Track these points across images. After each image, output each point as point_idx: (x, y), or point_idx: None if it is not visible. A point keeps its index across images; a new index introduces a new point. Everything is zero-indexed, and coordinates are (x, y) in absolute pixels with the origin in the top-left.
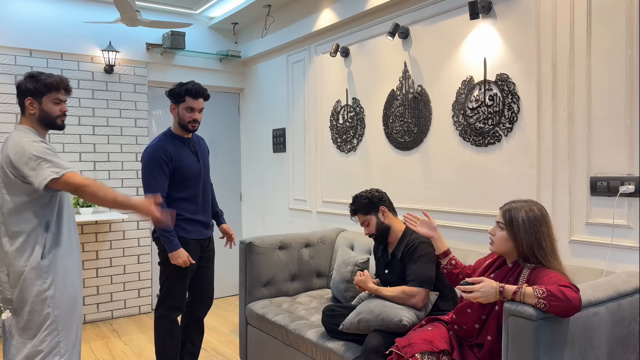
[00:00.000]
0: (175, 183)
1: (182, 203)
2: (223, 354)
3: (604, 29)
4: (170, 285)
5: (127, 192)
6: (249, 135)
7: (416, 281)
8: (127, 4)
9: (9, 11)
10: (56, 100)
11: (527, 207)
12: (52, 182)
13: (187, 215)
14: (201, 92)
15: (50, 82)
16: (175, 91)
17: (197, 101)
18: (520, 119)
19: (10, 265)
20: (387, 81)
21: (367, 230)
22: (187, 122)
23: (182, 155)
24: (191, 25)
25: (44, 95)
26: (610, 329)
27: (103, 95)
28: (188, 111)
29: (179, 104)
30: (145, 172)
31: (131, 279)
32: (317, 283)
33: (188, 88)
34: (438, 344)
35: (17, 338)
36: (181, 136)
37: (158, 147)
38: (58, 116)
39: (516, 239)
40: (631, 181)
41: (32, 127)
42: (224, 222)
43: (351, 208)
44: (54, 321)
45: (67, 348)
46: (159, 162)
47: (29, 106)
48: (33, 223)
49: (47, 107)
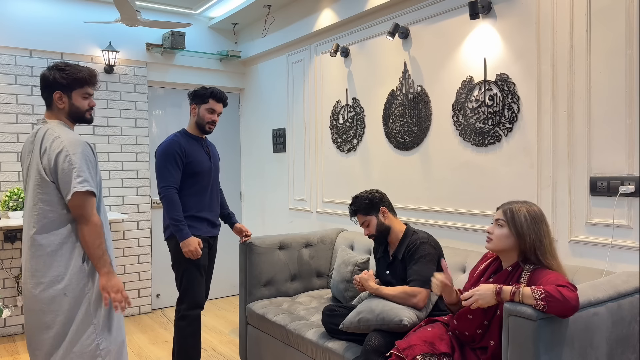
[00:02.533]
0: (186, 178)
1: (190, 198)
2: (223, 354)
3: (604, 29)
4: (188, 283)
5: (127, 192)
6: (249, 135)
7: (417, 281)
8: (127, 4)
9: (9, 11)
10: (85, 94)
11: (528, 205)
12: (77, 194)
13: (194, 212)
14: (224, 98)
15: (81, 76)
16: (199, 92)
17: (219, 104)
18: (520, 119)
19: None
20: (387, 81)
21: (367, 231)
22: (206, 122)
23: (195, 152)
24: (191, 25)
25: (74, 90)
26: (610, 329)
27: (103, 95)
28: (209, 112)
29: (201, 105)
30: (160, 165)
31: (131, 279)
32: (317, 283)
33: (213, 92)
34: (439, 346)
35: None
36: (196, 136)
37: (173, 142)
38: (87, 110)
39: (519, 235)
40: (631, 181)
41: (63, 122)
42: (237, 221)
43: (351, 209)
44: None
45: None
46: (174, 155)
47: (58, 100)
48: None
49: (77, 101)
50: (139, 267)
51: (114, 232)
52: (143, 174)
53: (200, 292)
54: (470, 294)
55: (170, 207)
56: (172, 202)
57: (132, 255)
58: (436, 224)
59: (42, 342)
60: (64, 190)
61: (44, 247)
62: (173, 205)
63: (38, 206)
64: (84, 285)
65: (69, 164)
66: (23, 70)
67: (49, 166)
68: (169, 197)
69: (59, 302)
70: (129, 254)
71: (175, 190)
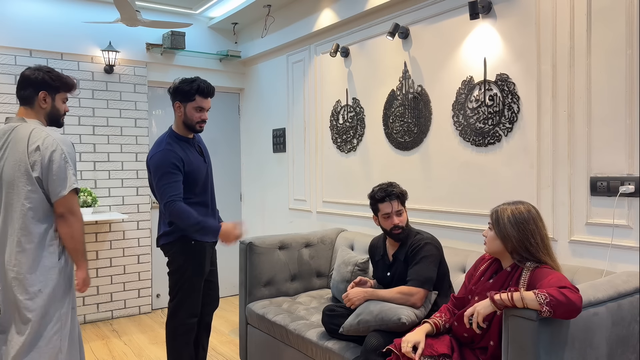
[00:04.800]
0: (187, 187)
1: (195, 207)
2: (223, 354)
3: (604, 29)
4: (185, 293)
5: (127, 192)
6: (249, 135)
7: (415, 281)
8: (127, 4)
9: (9, 11)
10: (65, 99)
11: (514, 206)
12: (72, 190)
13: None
14: (212, 91)
15: (69, 82)
16: (183, 89)
17: (207, 100)
18: (520, 119)
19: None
20: (387, 81)
21: (398, 220)
22: (195, 122)
23: (191, 158)
24: (191, 25)
25: (58, 92)
26: (610, 329)
27: (103, 95)
28: (197, 111)
29: (186, 103)
30: (160, 177)
31: (131, 279)
32: (317, 283)
33: (200, 86)
34: (438, 348)
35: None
36: (185, 137)
37: (169, 152)
38: (63, 114)
39: (503, 237)
40: (631, 181)
41: (41, 122)
42: (220, 220)
43: (394, 192)
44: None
45: None
46: (172, 166)
47: (42, 100)
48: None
49: (58, 104)
50: (139, 267)
51: (114, 232)
52: (143, 174)
53: (198, 302)
54: (470, 312)
55: (184, 217)
56: (185, 212)
57: (132, 255)
58: (436, 224)
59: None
60: (58, 187)
61: (33, 238)
62: (187, 214)
63: (28, 200)
64: (57, 282)
65: (64, 161)
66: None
67: (40, 162)
68: (178, 208)
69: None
70: (129, 254)
71: (181, 200)
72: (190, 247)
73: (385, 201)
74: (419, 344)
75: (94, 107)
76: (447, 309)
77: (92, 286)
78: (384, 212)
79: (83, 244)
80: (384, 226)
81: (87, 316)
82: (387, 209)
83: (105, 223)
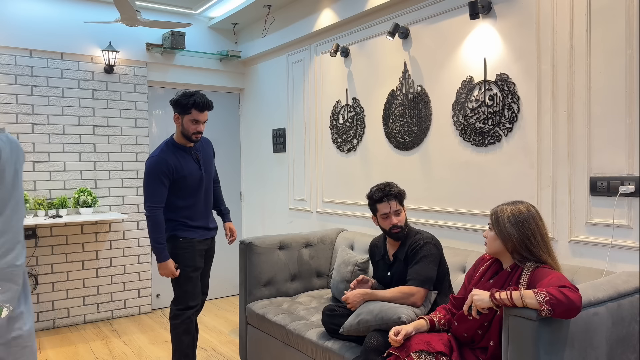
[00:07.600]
0: (177, 191)
1: (184, 211)
2: (223, 354)
3: (604, 29)
4: (182, 283)
5: (127, 192)
6: (249, 135)
7: (415, 280)
8: (127, 4)
9: (9, 11)
10: None
11: (514, 206)
12: None
13: (189, 222)
14: (207, 105)
15: None
16: (181, 102)
17: (202, 114)
18: (520, 119)
19: None
20: (387, 81)
21: (397, 220)
22: (191, 133)
23: (184, 165)
24: (191, 25)
25: None
26: (610, 329)
27: (103, 95)
28: (193, 123)
29: (184, 115)
30: (146, 182)
31: (131, 279)
32: (317, 283)
33: (196, 101)
34: (435, 346)
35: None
36: (184, 145)
37: (160, 159)
38: None
39: (503, 237)
40: (631, 181)
41: None
42: (229, 220)
43: (391, 192)
44: None
45: None
46: (159, 174)
47: None
48: None
49: None
50: (139, 267)
51: (114, 232)
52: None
53: (193, 293)
54: (469, 301)
55: (154, 229)
56: (157, 224)
57: (132, 255)
58: (436, 224)
59: None
60: None
61: None
62: (157, 227)
63: None
64: None
65: None
66: (23, 70)
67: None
68: (153, 218)
69: None
70: (129, 254)
71: (161, 210)
72: (179, 244)
73: (383, 201)
74: (406, 331)
75: (94, 107)
76: (445, 309)
77: (92, 286)
78: (383, 212)
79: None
80: (383, 226)
81: (87, 316)
82: (385, 209)
83: (105, 223)
